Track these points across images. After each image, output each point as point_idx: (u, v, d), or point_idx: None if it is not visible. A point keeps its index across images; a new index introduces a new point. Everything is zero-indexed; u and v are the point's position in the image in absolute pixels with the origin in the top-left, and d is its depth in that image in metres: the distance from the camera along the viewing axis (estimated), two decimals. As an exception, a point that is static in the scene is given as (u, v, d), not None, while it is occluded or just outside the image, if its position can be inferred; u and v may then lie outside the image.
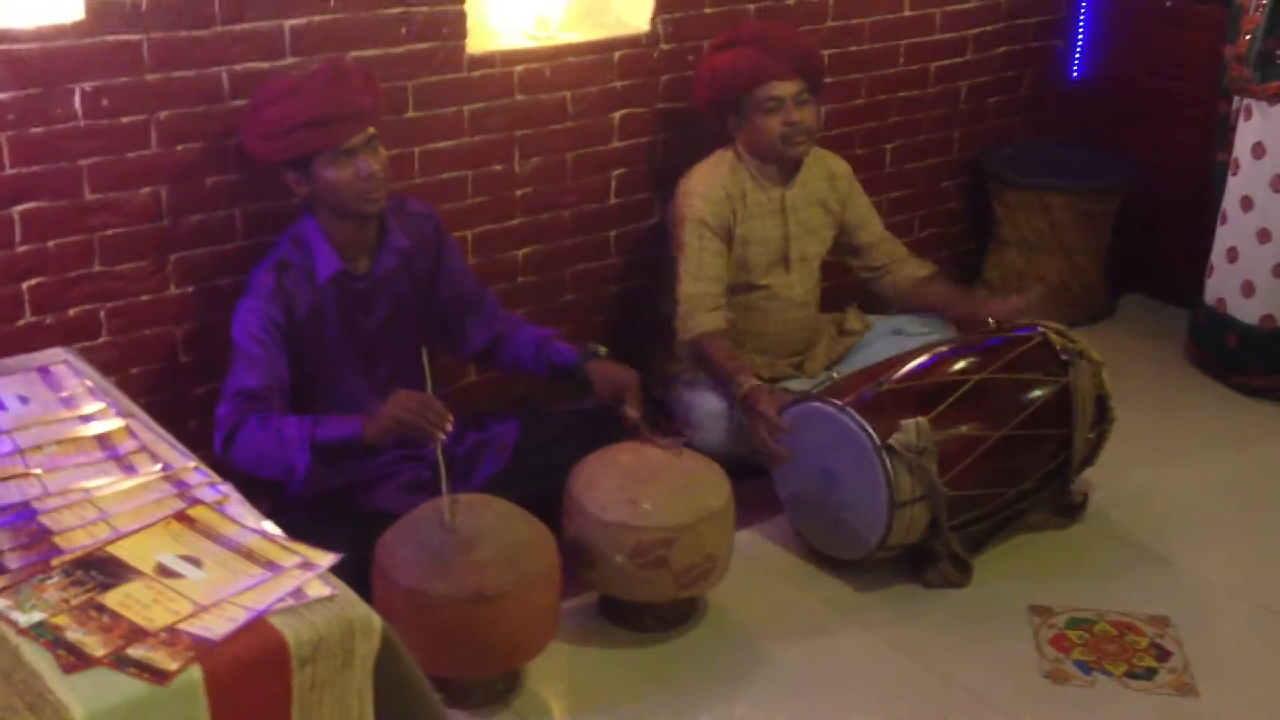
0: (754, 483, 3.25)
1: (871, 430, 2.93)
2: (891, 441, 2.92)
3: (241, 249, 3.11)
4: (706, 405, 3.43)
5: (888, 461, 2.91)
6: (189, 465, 2.07)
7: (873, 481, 2.94)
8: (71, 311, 2.97)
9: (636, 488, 2.81)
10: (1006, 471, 3.09)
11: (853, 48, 4.04)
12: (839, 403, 3.01)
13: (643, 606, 2.89)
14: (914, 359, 3.18)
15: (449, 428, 2.74)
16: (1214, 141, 4.10)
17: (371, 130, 2.88)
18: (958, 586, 3.07)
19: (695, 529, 2.79)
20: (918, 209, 4.43)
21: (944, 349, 3.23)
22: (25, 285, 2.90)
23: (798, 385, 3.54)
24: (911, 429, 2.93)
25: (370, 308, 3.02)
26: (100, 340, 3.02)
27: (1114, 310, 4.57)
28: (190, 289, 3.10)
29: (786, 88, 3.38)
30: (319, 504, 2.92)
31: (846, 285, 3.83)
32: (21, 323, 2.91)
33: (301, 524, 2.90)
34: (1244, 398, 3.98)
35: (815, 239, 3.61)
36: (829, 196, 3.60)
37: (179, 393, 3.15)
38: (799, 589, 3.09)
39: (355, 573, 2.57)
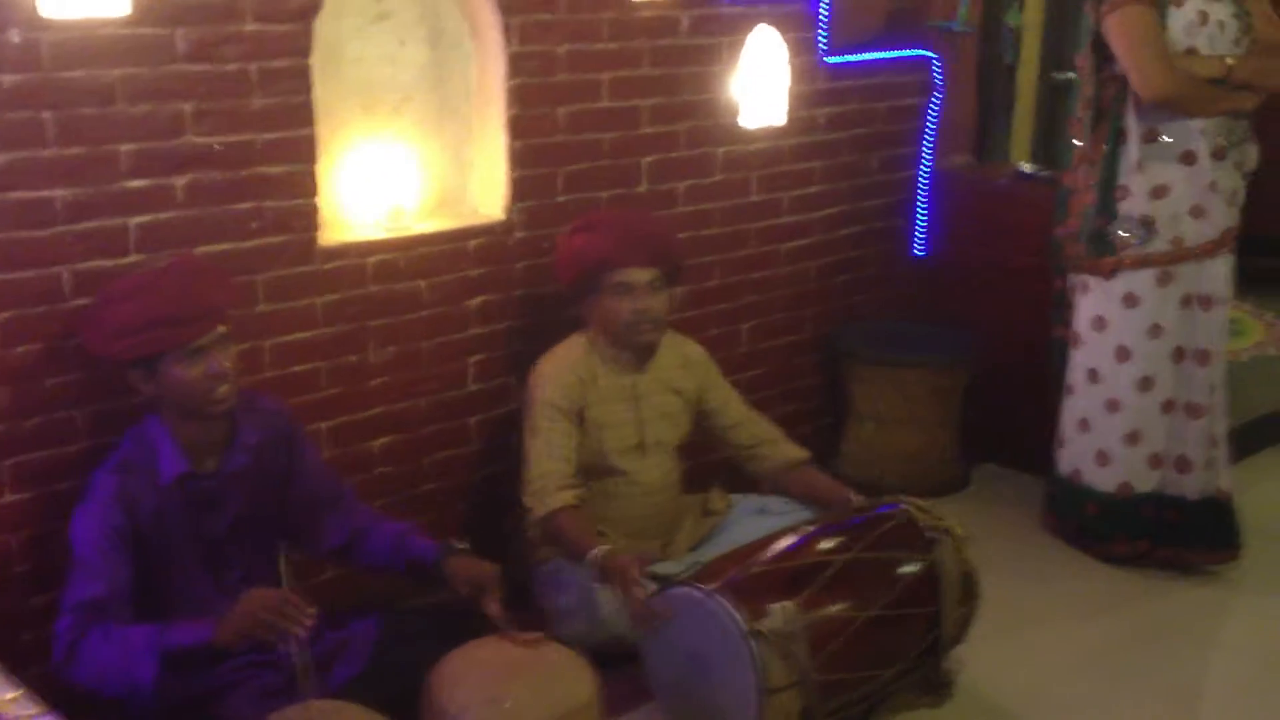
0: (622, 671, 3.11)
1: (738, 615, 2.83)
2: (760, 626, 2.82)
3: (83, 450, 2.94)
4: (565, 596, 3.31)
5: (756, 648, 2.81)
6: (8, 697, 1.88)
7: (742, 668, 2.82)
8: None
9: (497, 685, 2.65)
10: (878, 652, 3.00)
11: (704, 231, 4.06)
12: (705, 588, 2.91)
13: (509, 811, 2.71)
14: (782, 540, 3.10)
15: (309, 622, 2.58)
16: (1050, 315, 4.18)
17: (222, 328, 2.77)
18: (836, 776, 2.96)
19: (559, 731, 2.65)
20: (775, 386, 4.42)
21: (811, 528, 3.16)
22: None
23: (664, 569, 3.43)
24: (778, 613, 2.84)
25: (218, 508, 2.87)
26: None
27: (969, 480, 4.59)
28: (26, 495, 2.92)
29: (638, 275, 3.35)
30: (169, 717, 2.72)
31: (709, 464, 3.77)
32: None
33: None
34: (1103, 565, 3.99)
35: (670, 424, 3.55)
36: (684, 383, 3.56)
37: (14, 603, 2.94)
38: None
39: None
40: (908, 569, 3.08)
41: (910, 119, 4.63)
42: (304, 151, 3.17)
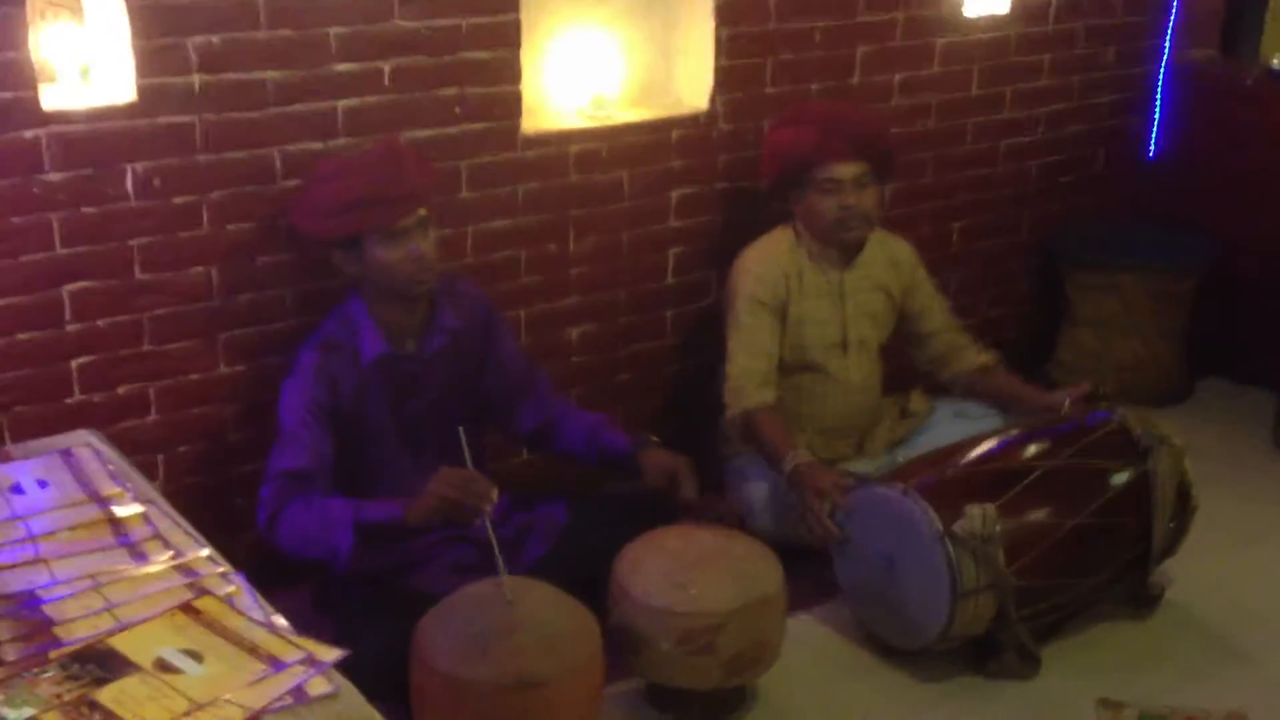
0: (811, 566, 3.08)
1: (935, 516, 2.76)
2: (955, 528, 2.74)
3: (291, 328, 3.03)
4: (757, 489, 3.27)
5: (951, 549, 2.73)
6: (201, 554, 1.96)
7: (935, 570, 2.75)
8: (120, 390, 2.90)
9: (684, 572, 2.65)
10: (1080, 562, 2.89)
11: (919, 126, 3.90)
12: (902, 486, 2.83)
13: (689, 694, 2.71)
14: (982, 444, 2.99)
15: (494, 499, 2.61)
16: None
17: (423, 212, 2.79)
18: (1023, 679, 2.86)
19: (745, 615, 2.62)
20: (986, 289, 4.26)
21: (1014, 433, 3.04)
22: (74, 364, 2.84)
23: (857, 467, 3.37)
24: (977, 516, 2.74)
25: (417, 389, 2.92)
26: (149, 419, 2.95)
27: (1192, 393, 4.34)
28: (240, 368, 3.03)
29: (846, 170, 3.24)
30: (366, 584, 2.81)
31: (911, 367, 3.65)
32: (70, 401, 2.85)
33: (347, 605, 2.84)
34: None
35: (875, 324, 3.45)
36: (891, 282, 3.45)
37: (227, 471, 3.08)
38: (855, 679, 2.89)
39: (400, 655, 2.50)
40: (1118, 478, 2.93)
41: (1150, 8, 4.33)
42: (509, 37, 3.15)
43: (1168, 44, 4.40)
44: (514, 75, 3.19)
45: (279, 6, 2.85)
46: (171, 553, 1.95)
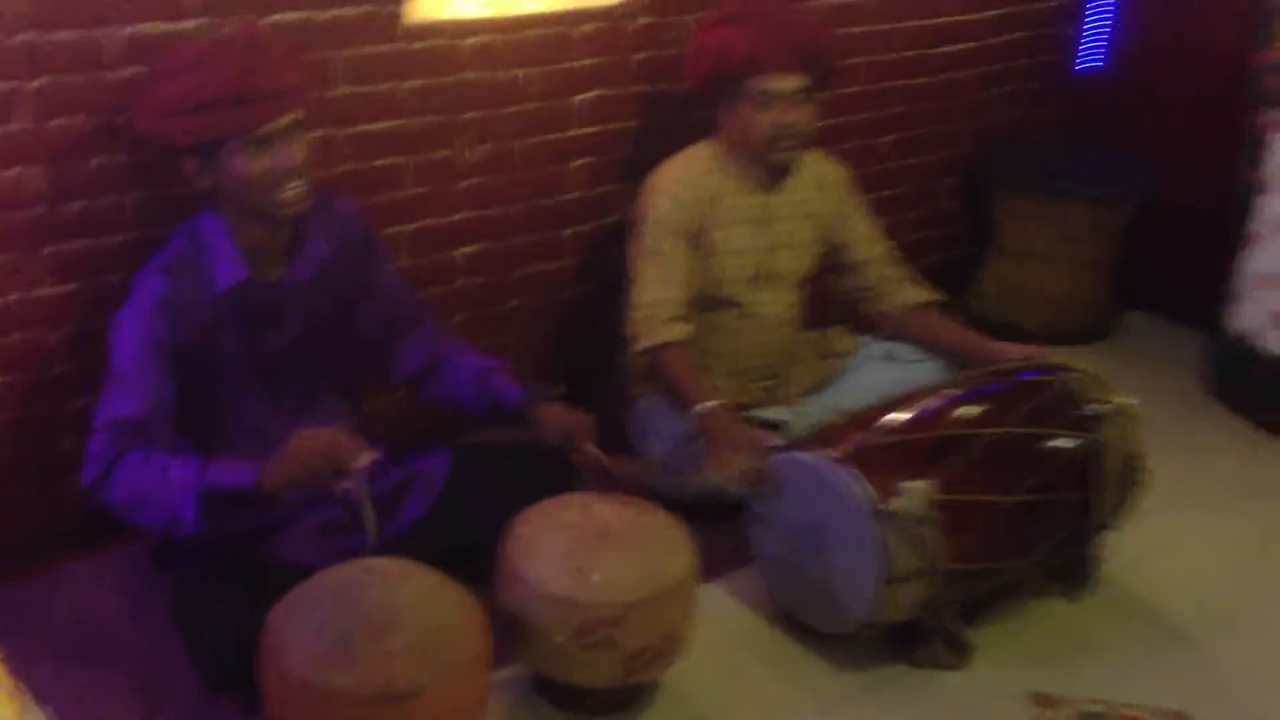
0: (721, 524, 2.79)
1: (869, 491, 2.47)
2: (889, 507, 2.45)
3: (131, 242, 2.60)
4: (661, 440, 2.95)
5: (881, 530, 2.45)
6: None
7: (864, 551, 2.46)
8: (-87, 312, 2.47)
9: (584, 553, 2.33)
10: (1019, 540, 2.62)
11: (852, 29, 3.54)
12: (832, 454, 2.53)
13: (584, 689, 2.42)
14: (918, 402, 2.69)
15: (367, 463, 2.26)
16: (1240, 155, 3.63)
17: (295, 115, 2.36)
18: (951, 669, 2.61)
19: (651, 606, 2.31)
20: (911, 209, 3.95)
21: (954, 391, 2.74)
22: None
23: (771, 414, 3.07)
24: (912, 493, 2.45)
25: (279, 323, 2.52)
26: (-45, 346, 2.52)
27: (1117, 328, 4.11)
28: (69, 287, 2.59)
29: (784, 82, 2.87)
30: (215, 551, 2.44)
31: (832, 300, 3.34)
32: None
33: (192, 580, 2.43)
34: (1270, 440, 3.53)
35: (799, 254, 3.12)
36: (820, 207, 3.11)
37: (51, 406, 2.66)
38: (768, 666, 2.61)
39: (249, 641, 2.12)
40: (1063, 446, 2.67)
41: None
42: (392, -95, 2.71)
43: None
44: (399, -49, 2.74)
45: None
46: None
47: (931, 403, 2.70)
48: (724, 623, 2.69)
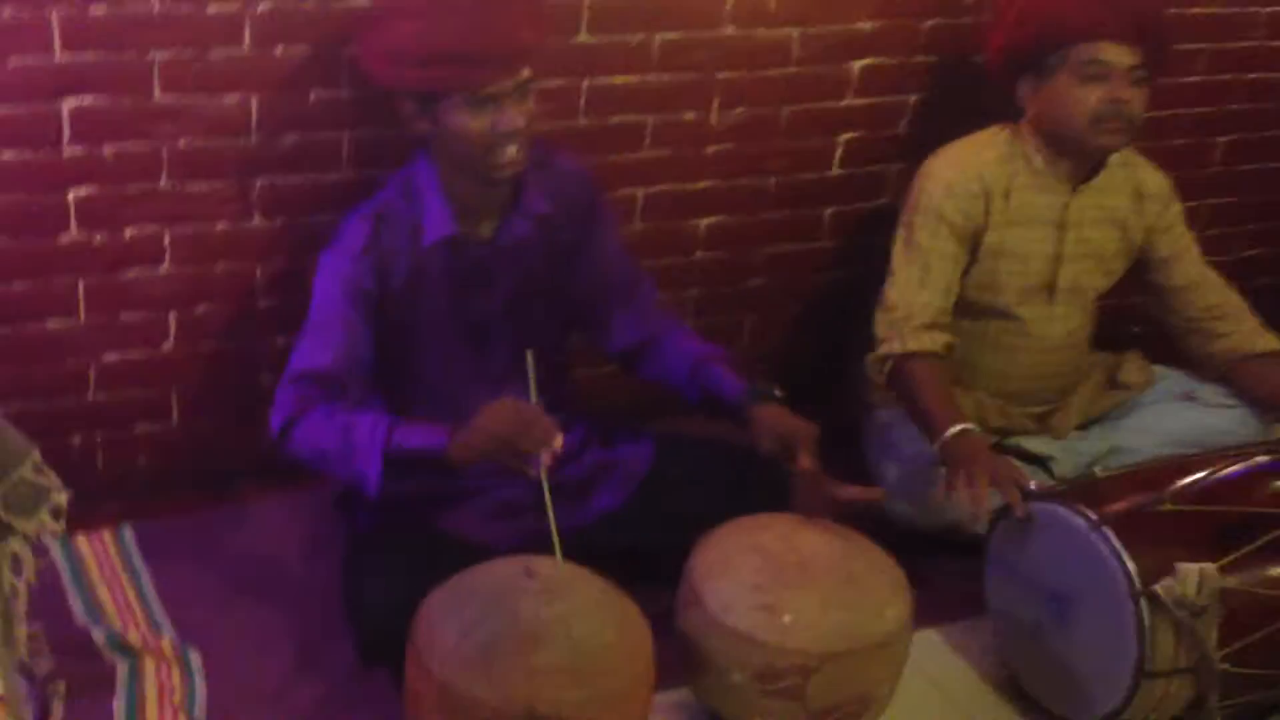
0: (958, 564, 2.47)
1: (1132, 567, 2.07)
2: (1158, 589, 2.05)
3: (346, 182, 2.46)
4: (895, 461, 2.62)
5: (1146, 615, 2.05)
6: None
7: (1121, 636, 2.07)
8: (128, 232, 2.37)
9: (778, 589, 2.03)
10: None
11: (1189, 10, 3.05)
12: (1094, 516, 2.13)
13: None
14: (1218, 465, 2.24)
15: (558, 448, 2.04)
16: None
17: (526, 73, 2.15)
18: (1212, 785, 2.20)
19: (849, 661, 1.99)
20: (1244, 222, 3.43)
21: (1261, 459, 2.26)
22: (71, 195, 2.30)
23: (1036, 447, 2.68)
24: (1192, 577, 2.04)
25: (489, 283, 2.32)
26: (161, 269, 2.43)
27: None
28: (278, 221, 2.46)
29: (1121, 55, 2.46)
30: (391, 514, 2.27)
31: (1132, 318, 2.90)
32: (65, 239, 2.33)
33: (365, 540, 2.27)
34: None
35: (1097, 268, 2.69)
36: (1131, 218, 2.68)
37: (253, 341, 2.56)
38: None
39: (408, 616, 1.94)
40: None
41: None
42: None
43: None
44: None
45: None
46: None
47: (1235, 468, 2.25)
48: (938, 679, 2.34)
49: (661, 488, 2.38)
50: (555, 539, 2.03)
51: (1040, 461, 2.67)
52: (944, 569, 2.52)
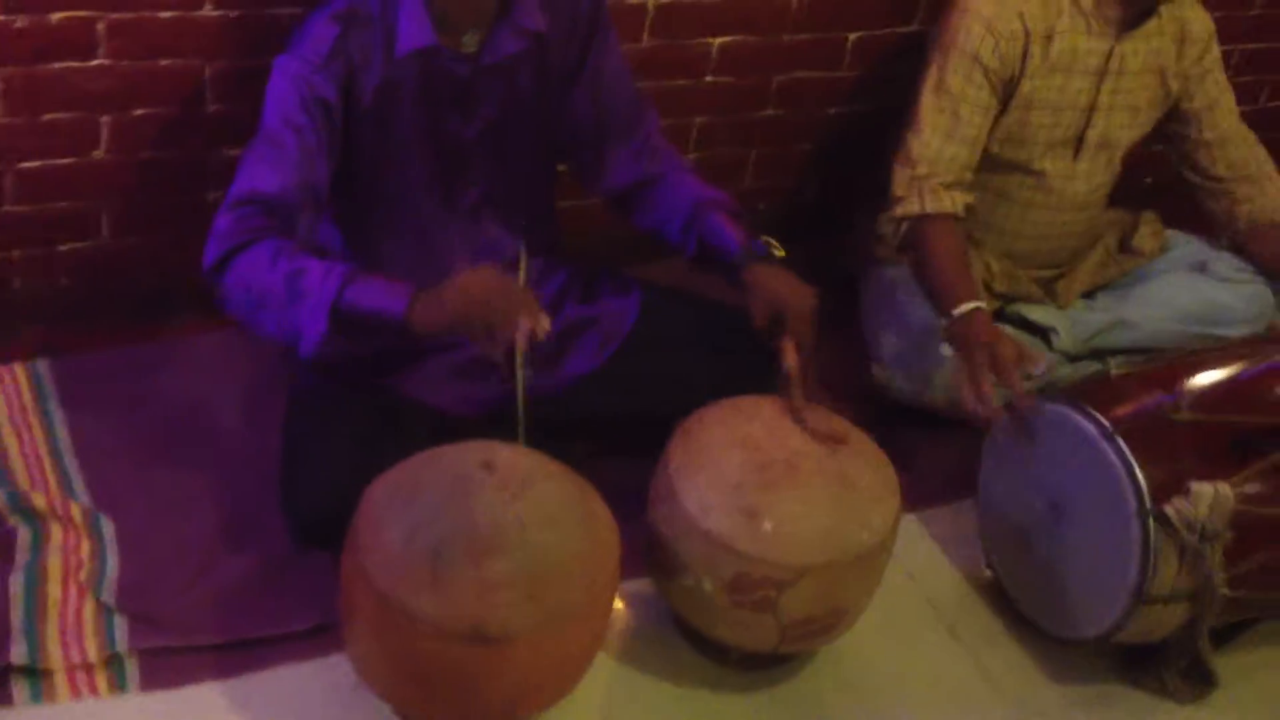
0: (953, 441, 2.26)
1: (1144, 483, 1.84)
2: (1169, 509, 1.83)
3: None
4: (896, 331, 2.35)
5: (1154, 535, 1.84)
6: None
7: (1121, 555, 1.86)
8: (55, 17, 1.99)
9: (760, 491, 1.79)
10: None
11: None
12: (1106, 423, 1.90)
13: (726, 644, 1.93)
14: (1235, 362, 2.01)
15: (542, 332, 1.72)
16: None
17: None
18: (1184, 703, 2.03)
19: (828, 573, 1.78)
20: (1275, 69, 3.08)
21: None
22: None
23: (1040, 317, 2.42)
24: (1204, 498, 1.82)
25: (467, 105, 1.98)
26: (93, 63, 2.06)
27: None
28: (234, 13, 2.09)
29: None
30: (337, 375, 1.99)
31: (1144, 180, 2.59)
32: (-24, 21, 1.96)
33: (303, 403, 1.97)
34: None
35: (1130, 120, 2.36)
36: (1170, 65, 2.34)
37: (199, 150, 2.21)
38: (959, 647, 2.05)
39: (353, 496, 1.68)
40: None
41: None
42: None
43: None
44: None
45: None
46: None
47: (1252, 368, 2.02)
48: (919, 574, 2.14)
49: (643, 350, 2.11)
50: (521, 429, 1.76)
51: (1042, 333, 2.42)
52: (932, 444, 2.30)
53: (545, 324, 1.72)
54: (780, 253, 2.00)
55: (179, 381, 2.22)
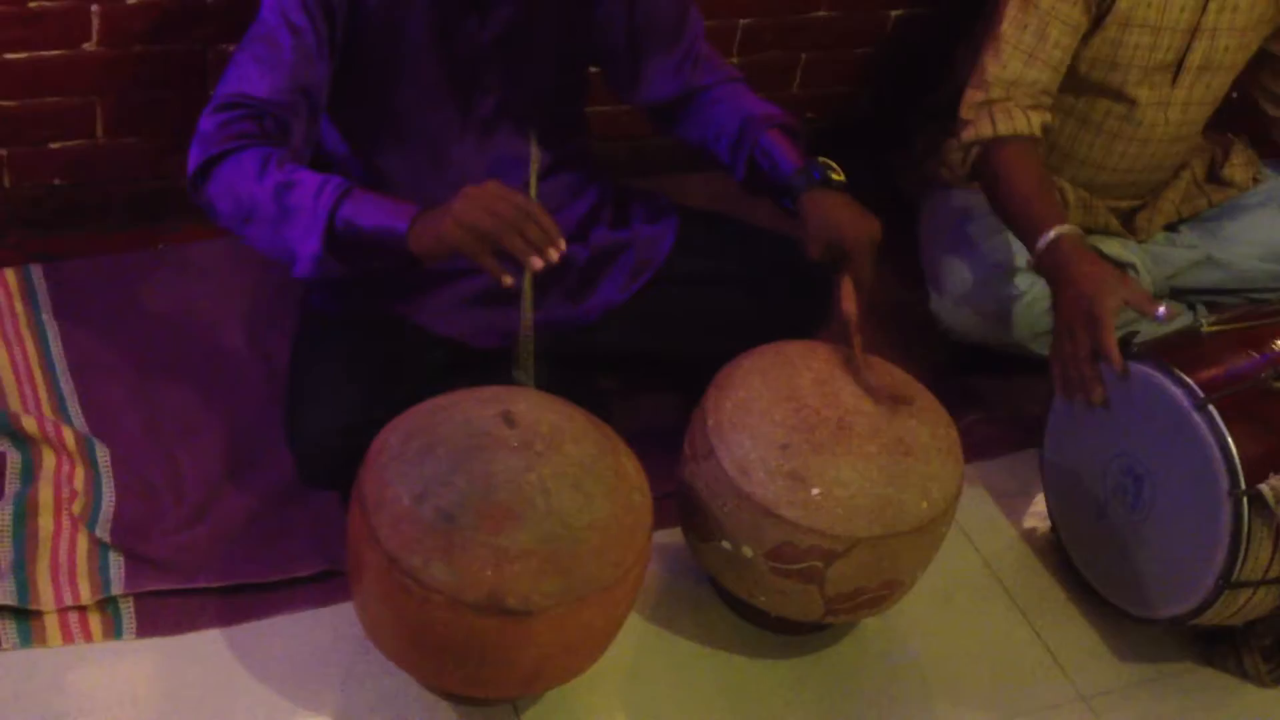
0: (1017, 380, 2.04)
1: (1238, 459, 1.60)
2: (1265, 488, 1.58)
3: None
4: (966, 260, 2.07)
5: (1247, 516, 1.59)
6: None
7: (1209, 535, 1.62)
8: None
9: (809, 453, 1.56)
10: None
11: None
12: (1199, 391, 1.63)
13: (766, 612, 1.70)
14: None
15: (555, 254, 1.51)
16: None
17: None
18: (1261, 685, 1.80)
19: (880, 546, 1.56)
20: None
21: None
22: None
23: (1116, 253, 2.13)
24: (1303, 479, 1.59)
25: (485, 9, 1.70)
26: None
27: None
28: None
29: None
30: (349, 298, 1.76)
31: (1243, 106, 2.28)
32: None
33: (316, 326, 1.73)
34: None
35: (1238, 44, 2.04)
36: (1289, -19, 2.03)
37: (199, 44, 1.95)
38: (1019, 616, 1.83)
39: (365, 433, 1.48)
40: None
41: None
42: None
43: None
44: None
45: None
46: None
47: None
48: (976, 533, 1.91)
49: (680, 283, 1.85)
50: (527, 369, 1.53)
51: (1120, 269, 2.14)
52: (993, 388, 2.06)
53: (560, 244, 1.50)
54: (840, 177, 1.74)
55: (182, 292, 1.99)
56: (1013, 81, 1.93)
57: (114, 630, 1.59)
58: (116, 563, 1.64)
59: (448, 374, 1.69)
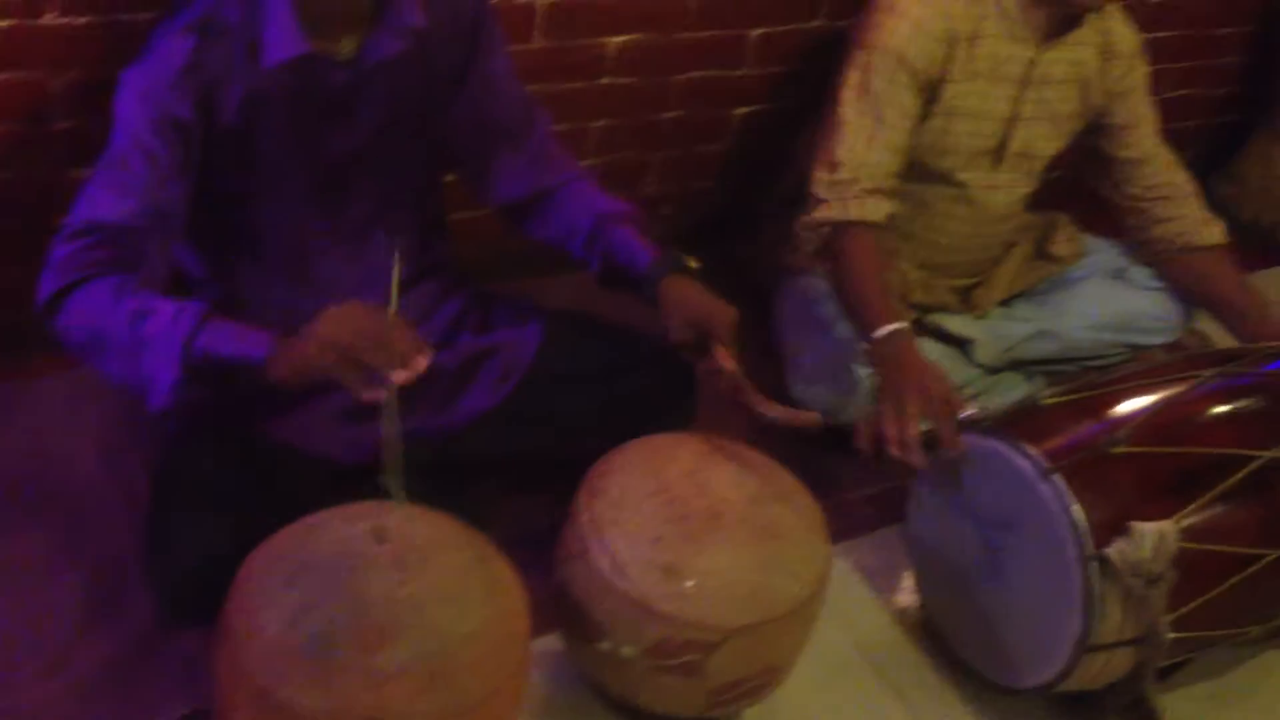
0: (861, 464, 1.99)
1: (1084, 525, 1.61)
2: (1111, 552, 1.60)
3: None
4: (811, 348, 2.10)
5: (1095, 582, 1.61)
6: None
7: (1063, 602, 1.63)
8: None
9: (682, 544, 1.53)
10: (1262, 603, 1.77)
11: None
12: (1040, 459, 1.65)
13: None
14: (1162, 386, 1.79)
15: (421, 367, 1.45)
16: None
17: None
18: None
19: (758, 633, 1.53)
20: (1175, 59, 2.87)
21: (1203, 377, 1.79)
22: None
23: (957, 328, 2.19)
24: (1147, 540, 1.60)
25: (347, 116, 1.67)
26: (-75, 79, 1.72)
27: None
28: (81, 20, 1.76)
29: None
30: (209, 421, 1.67)
31: (1065, 184, 2.36)
32: None
33: (175, 457, 1.62)
34: None
35: (1052, 132, 2.13)
36: (1094, 78, 2.11)
37: (44, 171, 1.87)
38: (889, 700, 1.79)
39: (230, 563, 1.38)
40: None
41: None
42: None
43: None
44: None
45: None
46: None
47: (1187, 393, 1.79)
48: (845, 613, 1.87)
49: (547, 384, 1.81)
50: (395, 485, 1.47)
51: (960, 344, 2.19)
52: (855, 467, 2.04)
53: (422, 362, 1.45)
54: (694, 264, 1.73)
55: (26, 430, 1.88)
56: (858, 163, 1.98)
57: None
58: (-28, 722, 1.51)
59: (322, 494, 1.59)
